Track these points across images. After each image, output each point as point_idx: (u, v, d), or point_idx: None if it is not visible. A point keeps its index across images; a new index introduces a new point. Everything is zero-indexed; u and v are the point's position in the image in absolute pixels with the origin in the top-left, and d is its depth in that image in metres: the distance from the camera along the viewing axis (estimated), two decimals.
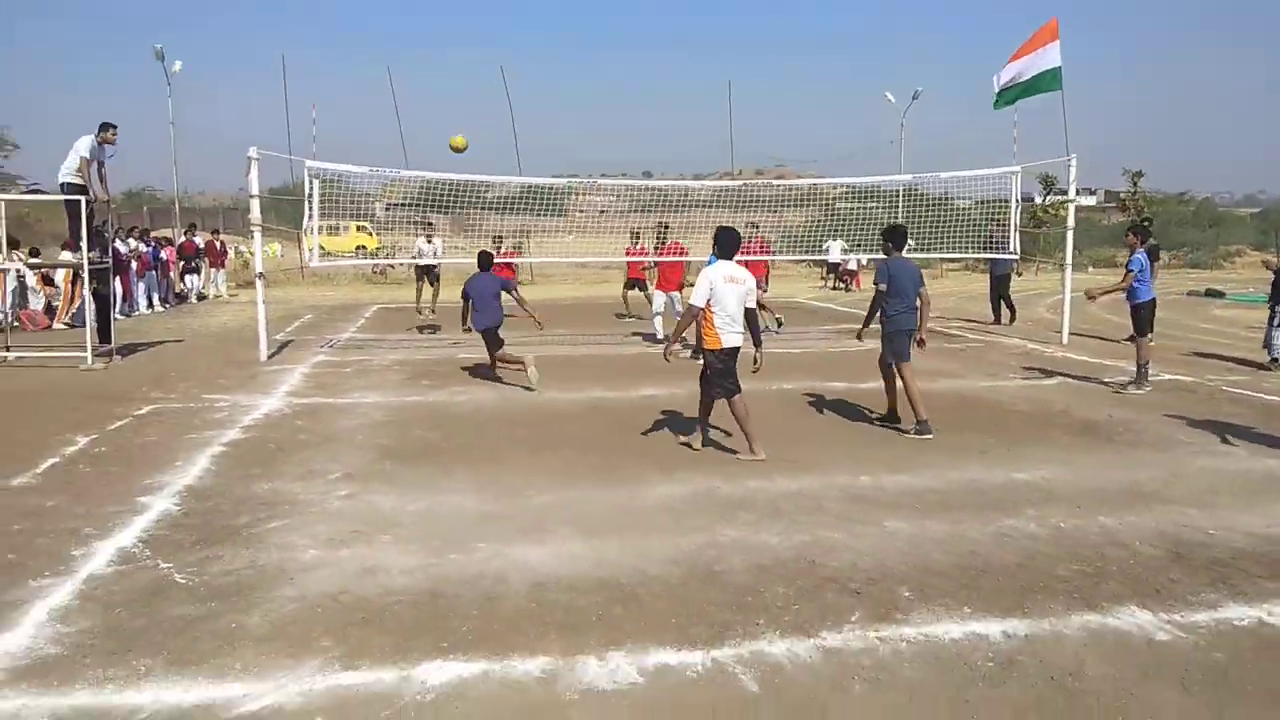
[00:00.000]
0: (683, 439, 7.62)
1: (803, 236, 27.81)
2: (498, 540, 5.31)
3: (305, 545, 5.25)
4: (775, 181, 27.89)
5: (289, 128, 27.86)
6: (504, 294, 10.83)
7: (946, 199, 21.04)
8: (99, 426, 8.18)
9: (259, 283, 12.90)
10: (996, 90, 15.52)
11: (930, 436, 7.78)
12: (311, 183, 13.12)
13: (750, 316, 7.25)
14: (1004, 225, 15.80)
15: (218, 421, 8.49)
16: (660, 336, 13.72)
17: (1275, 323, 11.77)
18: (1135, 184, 37.70)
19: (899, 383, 8.25)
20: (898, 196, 26.90)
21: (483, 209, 22.03)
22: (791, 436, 7.91)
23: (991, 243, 16.68)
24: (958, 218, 19.56)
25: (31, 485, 6.42)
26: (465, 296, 10.69)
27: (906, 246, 9.28)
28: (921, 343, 8.34)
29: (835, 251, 26.38)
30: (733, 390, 7.20)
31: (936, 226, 19.08)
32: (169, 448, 7.49)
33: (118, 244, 18.04)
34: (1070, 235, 14.52)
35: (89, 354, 11.62)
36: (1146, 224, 10.85)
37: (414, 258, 18.36)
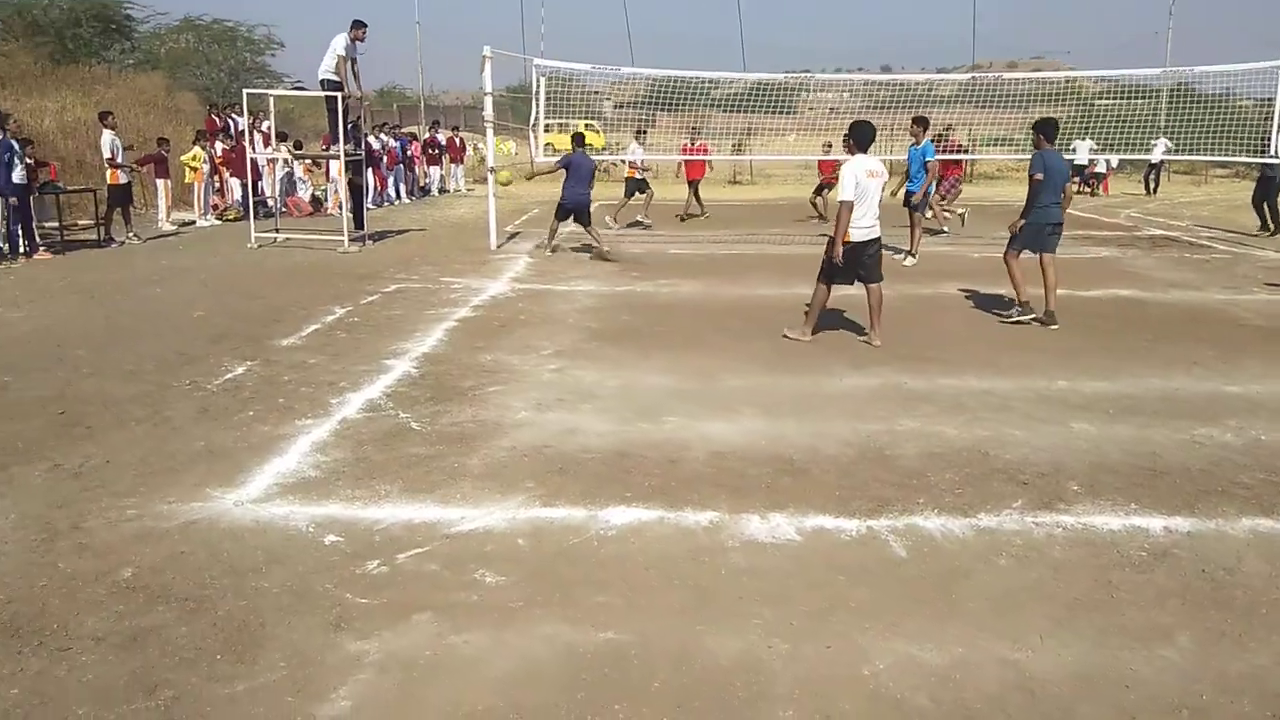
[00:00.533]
0: (790, 334, 7.79)
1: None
2: (685, 415, 5.78)
3: (518, 407, 5.94)
4: (1029, 75, 26.18)
5: (523, 26, 28.82)
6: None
7: (1226, 96, 19.03)
8: (353, 300, 9.33)
9: (490, 177, 13.86)
10: None
11: (1030, 319, 8.26)
12: (538, 80, 13.79)
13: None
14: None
15: (452, 300, 9.44)
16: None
17: None
18: None
19: (1045, 274, 8.42)
20: (1158, 94, 24.65)
21: (710, 107, 22.18)
22: (992, 341, 7.86)
23: (1264, 144, 15.10)
24: (1233, 117, 17.72)
25: (297, 345, 7.52)
26: (565, 167, 12.25)
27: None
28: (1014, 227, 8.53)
29: (1083, 152, 24.55)
30: (837, 280, 7.60)
31: (1203, 128, 17.41)
32: (411, 320, 8.47)
33: (370, 139, 19.75)
34: None
35: (345, 238, 13.02)
36: None
37: (633, 165, 17.02)
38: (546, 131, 32.53)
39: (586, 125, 34.73)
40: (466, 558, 3.87)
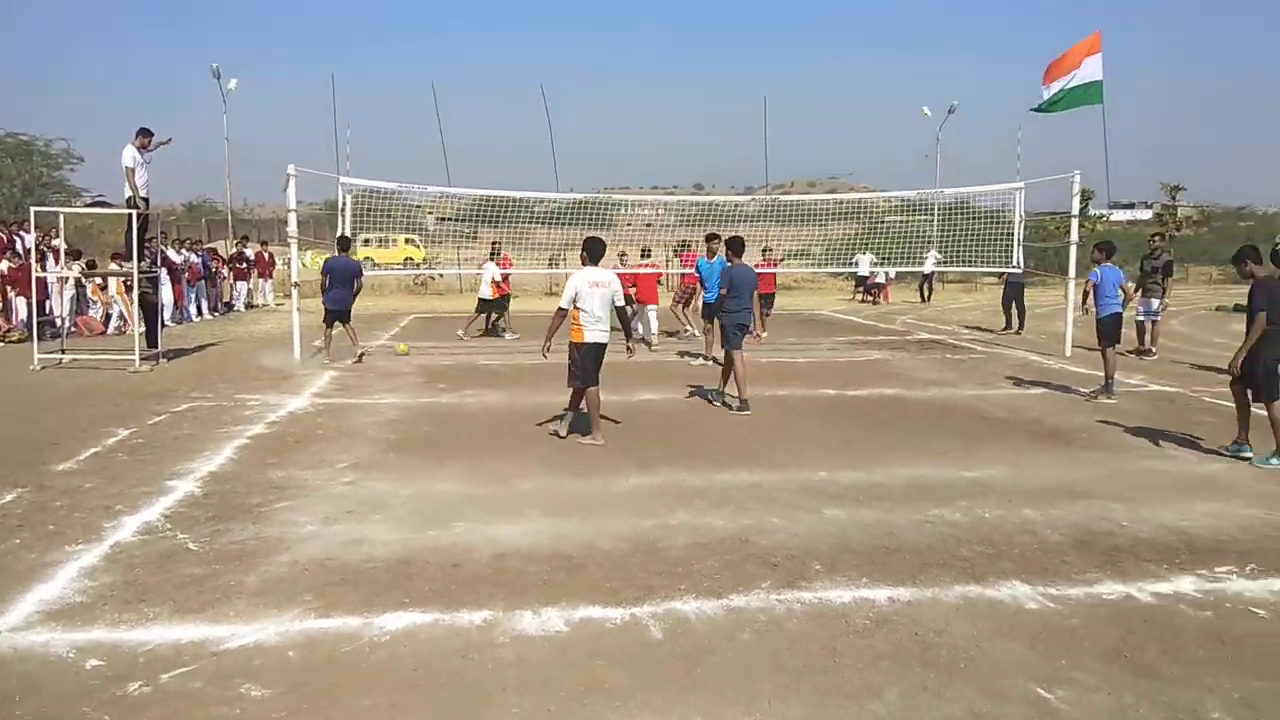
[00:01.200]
0: (585, 440, 8.20)
1: (842, 249, 28.29)
2: (474, 519, 5.99)
3: (305, 522, 5.97)
4: (828, 196, 28.49)
5: (335, 144, 29.00)
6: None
7: (1001, 212, 21.24)
8: (139, 421, 9.04)
9: (294, 292, 13.80)
10: (1043, 102, 15.55)
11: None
12: (344, 197, 14.00)
13: (620, 314, 8.43)
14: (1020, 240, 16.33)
15: (246, 418, 9.31)
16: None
17: None
18: (1173, 197, 37.44)
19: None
20: (930, 210, 27.27)
21: (531, 222, 22.87)
22: (768, 437, 8.50)
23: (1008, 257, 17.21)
24: (989, 231, 19.83)
25: (74, 470, 7.24)
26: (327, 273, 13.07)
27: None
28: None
29: (864, 265, 26.82)
30: (589, 381, 8.17)
31: (966, 240, 19.43)
32: (199, 439, 8.30)
33: (171, 254, 19.20)
34: (1074, 250, 14.84)
35: (136, 357, 12.57)
36: (1109, 243, 11.25)
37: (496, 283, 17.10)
38: (365, 245, 32.53)
39: (407, 239, 35.14)
40: (233, 673, 3.90)
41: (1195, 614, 4.48)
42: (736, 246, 10.18)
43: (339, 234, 14.16)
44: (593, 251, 8.32)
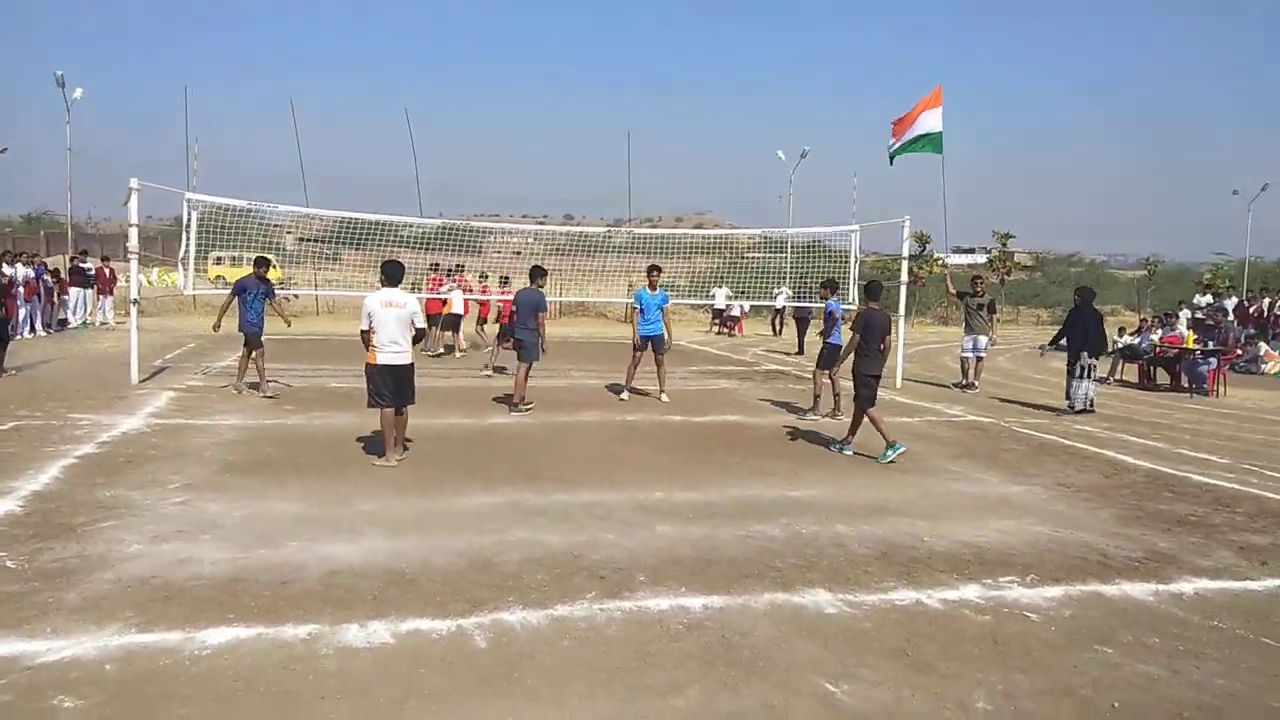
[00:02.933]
0: (378, 462, 8.23)
1: (705, 282, 29.15)
2: (309, 539, 6.01)
3: (131, 541, 5.87)
4: (694, 231, 29.34)
5: (187, 157, 27.88)
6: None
7: (843, 252, 22.53)
8: None
9: (133, 309, 13.31)
10: (891, 148, 16.54)
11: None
12: (189, 214, 13.63)
13: (419, 334, 8.46)
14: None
15: (76, 437, 8.97)
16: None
17: (1072, 372, 12.80)
18: (1004, 244, 40.14)
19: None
20: (784, 246, 28.44)
21: (398, 245, 22.64)
22: (613, 461, 8.79)
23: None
24: (831, 269, 20.98)
25: None
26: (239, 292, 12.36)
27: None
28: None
29: (720, 298, 27.69)
30: (383, 403, 8.24)
31: (818, 278, 20.50)
32: (24, 459, 7.97)
33: (3, 268, 18.15)
34: (904, 290, 15.83)
35: None
36: (835, 280, 13.22)
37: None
38: (218, 264, 31.39)
39: (259, 258, 34.04)
40: (46, 686, 3.87)
41: (975, 617, 4.97)
42: (875, 292, 9.76)
43: (257, 254, 13.40)
44: (389, 272, 8.44)
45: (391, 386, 8.27)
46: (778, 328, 28.17)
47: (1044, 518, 7.14)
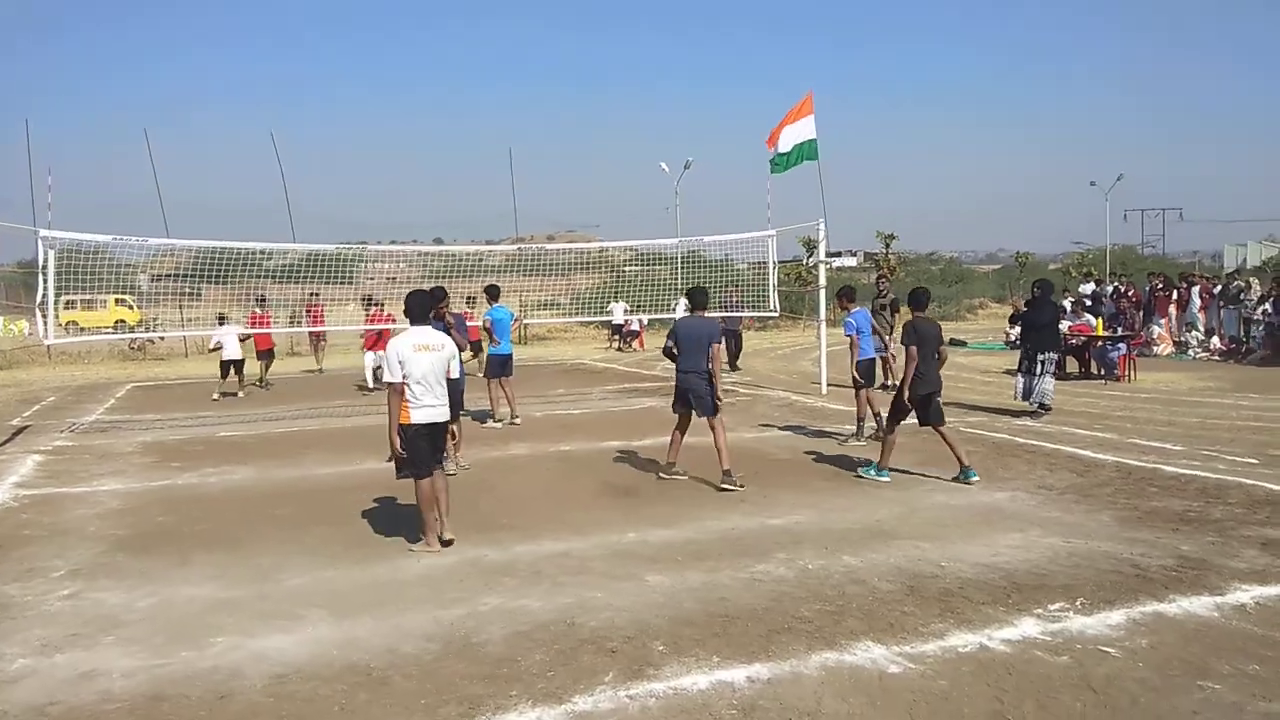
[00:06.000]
0: (416, 548, 6.49)
1: (592, 299, 28.34)
2: (237, 631, 4.96)
3: (14, 654, 4.72)
4: (569, 246, 28.57)
5: (31, 194, 25.31)
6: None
7: (726, 261, 22.37)
8: None
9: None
10: (770, 158, 16.22)
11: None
12: (47, 253, 12.09)
13: (454, 385, 6.76)
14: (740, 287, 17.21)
15: None
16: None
17: (1028, 369, 12.07)
18: (888, 245, 40.93)
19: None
20: (677, 261, 28.02)
21: (263, 277, 21.03)
22: (564, 498, 7.93)
23: (731, 303, 18.77)
24: (735, 279, 20.71)
25: None
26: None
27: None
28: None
29: (618, 313, 26.99)
30: (421, 473, 6.46)
31: (711, 289, 20.24)
32: None
33: None
34: (823, 293, 15.46)
35: None
36: (852, 288, 11.53)
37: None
38: (69, 309, 28.76)
39: (118, 300, 31.44)
40: None
41: (1053, 660, 4.34)
42: (922, 300, 8.60)
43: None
44: (416, 308, 6.77)
45: (428, 450, 6.53)
46: None
47: (1048, 527, 6.64)
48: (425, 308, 6.94)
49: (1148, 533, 6.43)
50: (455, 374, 6.75)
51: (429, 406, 6.47)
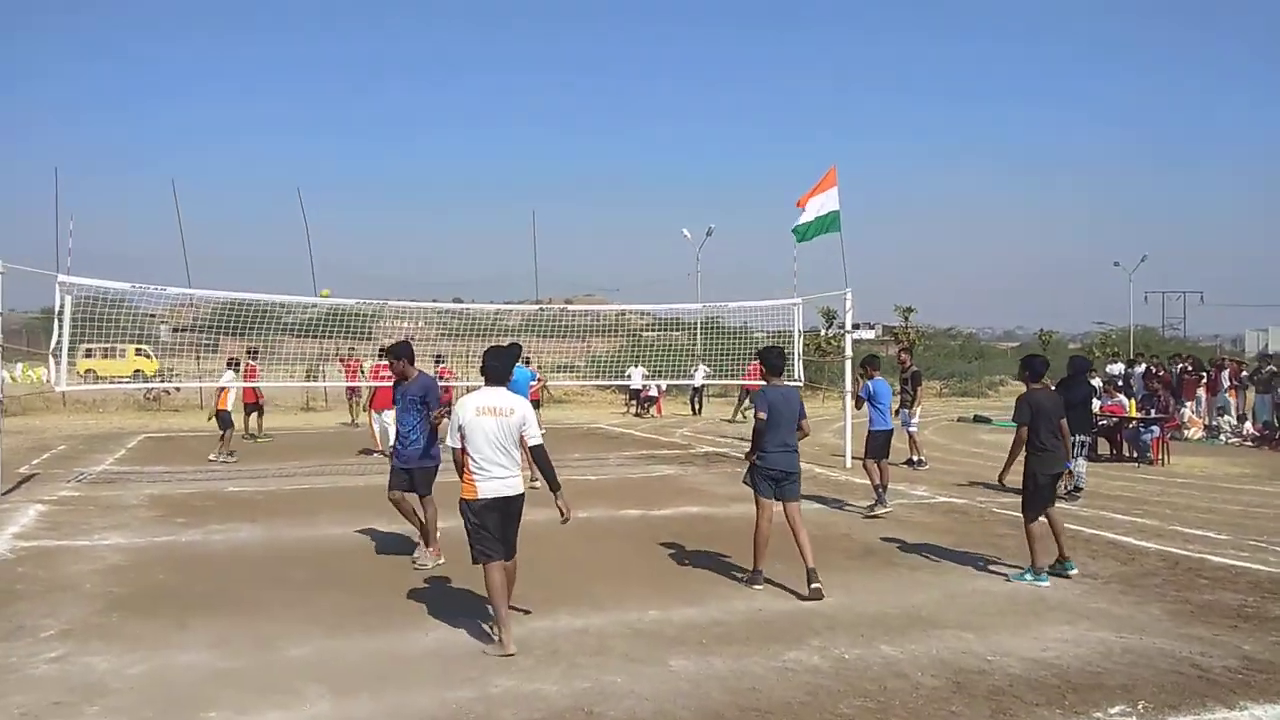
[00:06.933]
0: (490, 650, 5.55)
1: (609, 363, 28.19)
2: (231, 706, 4.63)
3: None
4: (587, 308, 28.61)
5: (57, 241, 25.50)
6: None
7: (745, 329, 22.15)
8: None
9: None
10: (793, 226, 16.17)
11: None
12: (63, 299, 12.01)
13: (538, 454, 5.84)
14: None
15: None
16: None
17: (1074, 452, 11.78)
18: (906, 319, 40.67)
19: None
20: (696, 326, 27.87)
21: (282, 332, 20.99)
22: (583, 569, 7.58)
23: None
24: (755, 348, 20.47)
25: None
26: None
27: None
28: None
29: (637, 378, 26.72)
30: (490, 555, 5.67)
31: (730, 355, 20.04)
32: None
33: None
34: (849, 364, 15.18)
35: None
36: (876, 357, 11.39)
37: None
38: (88, 357, 28.79)
39: (137, 350, 31.47)
40: None
41: None
42: (1039, 369, 8.15)
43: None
44: (491, 366, 5.87)
45: (498, 528, 5.71)
46: (697, 407, 27.34)
47: (1096, 620, 6.24)
48: (507, 366, 5.99)
49: (1204, 629, 6.02)
50: (534, 440, 5.81)
51: (497, 478, 5.68)
